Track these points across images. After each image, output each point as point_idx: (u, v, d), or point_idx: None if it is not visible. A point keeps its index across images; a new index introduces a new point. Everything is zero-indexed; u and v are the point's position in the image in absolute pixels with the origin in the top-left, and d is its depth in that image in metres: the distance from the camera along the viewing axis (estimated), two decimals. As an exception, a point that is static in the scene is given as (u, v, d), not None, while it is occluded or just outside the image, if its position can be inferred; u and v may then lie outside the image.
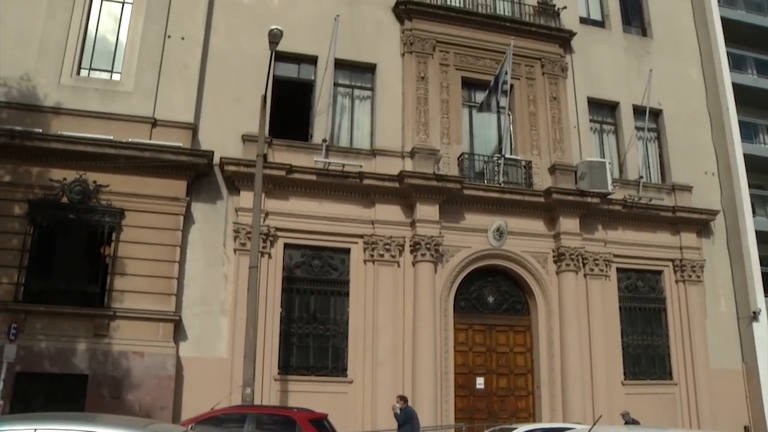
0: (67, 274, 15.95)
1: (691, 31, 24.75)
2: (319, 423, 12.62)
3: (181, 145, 16.94)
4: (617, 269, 20.66)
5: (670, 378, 20.45)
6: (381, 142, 19.20)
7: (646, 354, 20.56)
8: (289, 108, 19.26)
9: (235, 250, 17.22)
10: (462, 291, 19.16)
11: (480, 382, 18.90)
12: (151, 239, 16.29)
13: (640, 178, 21.31)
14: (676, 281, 21.22)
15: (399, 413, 15.09)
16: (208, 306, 16.79)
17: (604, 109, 22.61)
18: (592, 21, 23.52)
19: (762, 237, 22.45)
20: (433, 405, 17.33)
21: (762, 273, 21.88)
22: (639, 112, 22.33)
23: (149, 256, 16.17)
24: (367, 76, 20.08)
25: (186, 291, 16.69)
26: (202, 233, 17.20)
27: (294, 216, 17.80)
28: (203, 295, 16.82)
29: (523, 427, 14.59)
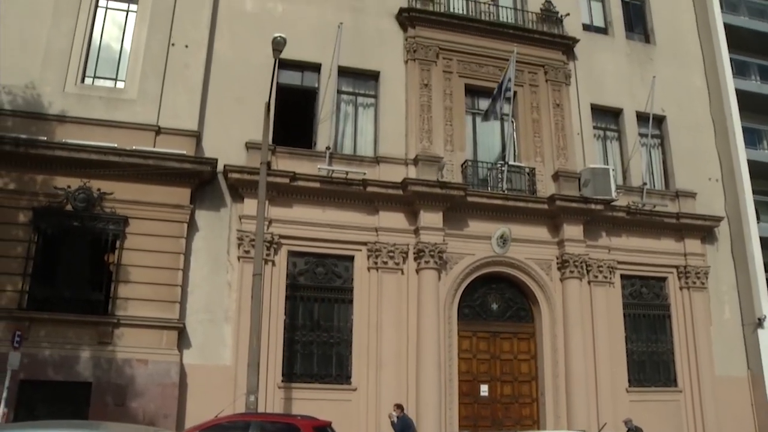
0: (71, 282, 15.96)
1: (694, 38, 24.75)
2: (323, 430, 12.59)
3: (184, 152, 16.99)
4: (621, 276, 20.61)
5: (674, 385, 20.37)
6: (384, 150, 19.21)
7: (651, 361, 20.49)
8: (293, 115, 19.29)
9: (238, 258, 17.23)
10: (466, 298, 19.13)
11: (484, 390, 18.84)
12: (154, 247, 16.31)
13: (644, 184, 21.29)
14: (681, 288, 21.16)
15: (396, 422, 15.06)
16: (211, 313, 16.79)
17: (607, 116, 22.59)
18: (595, 28, 23.53)
19: (766, 243, 22.40)
20: (436, 412, 17.28)
21: (767, 279, 21.79)
22: (642, 118, 22.31)
23: (153, 263, 16.18)
24: (371, 83, 20.11)
25: (190, 298, 16.69)
26: (205, 241, 17.21)
27: (298, 223, 17.81)
28: (207, 302, 16.82)
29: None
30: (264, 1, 19.62)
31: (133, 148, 16.59)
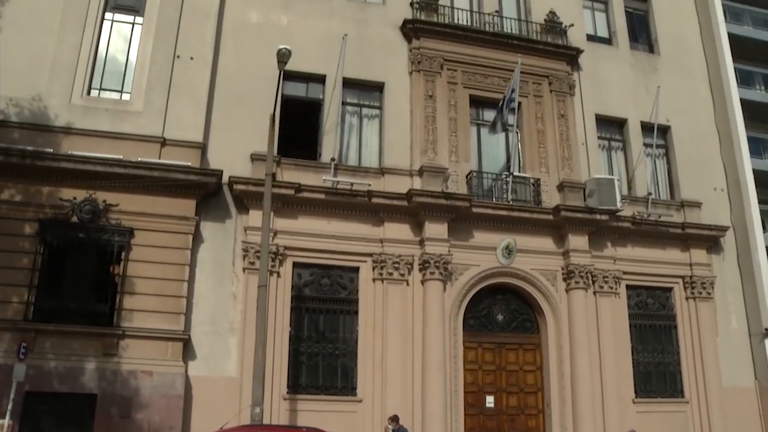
0: (77, 293, 15.97)
1: (698, 48, 24.76)
2: (329, 442, 12.57)
3: (190, 164, 17.02)
4: (627, 286, 20.53)
5: (681, 396, 20.26)
6: (389, 161, 19.22)
7: (657, 372, 20.39)
8: (298, 127, 19.32)
9: (244, 269, 17.22)
10: (471, 309, 19.08)
11: (490, 401, 18.77)
12: (160, 258, 16.32)
13: (649, 194, 21.25)
14: (687, 298, 21.07)
15: None
16: (217, 325, 16.77)
17: (612, 126, 22.58)
18: (599, 38, 23.55)
19: (772, 252, 22.33)
20: (442, 424, 17.20)
21: (773, 289, 21.71)
22: (647, 128, 22.28)
23: (158, 275, 16.19)
24: (375, 94, 20.14)
25: (195, 310, 16.67)
26: (211, 252, 17.22)
27: (303, 235, 17.81)
28: (212, 314, 16.81)
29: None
30: (269, 13, 19.70)
31: (139, 159, 16.65)
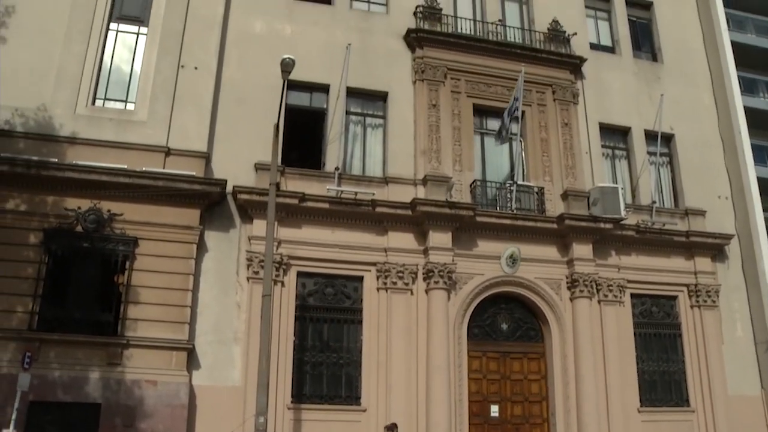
0: (81, 303, 15.97)
1: (701, 56, 24.76)
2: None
3: (194, 173, 17.04)
4: (631, 295, 20.47)
5: (687, 405, 20.17)
6: (393, 170, 19.23)
7: (662, 380, 20.30)
8: (302, 136, 19.36)
9: (248, 279, 17.23)
10: (475, 318, 19.05)
11: (494, 410, 18.70)
12: (164, 268, 16.32)
13: (653, 203, 21.24)
14: (691, 306, 21.00)
15: None
16: (221, 334, 16.76)
17: (615, 135, 22.58)
18: (602, 47, 23.57)
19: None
20: (447, 433, 17.18)
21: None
22: (651, 136, 22.26)
23: (162, 284, 16.19)
24: (379, 104, 20.17)
25: (199, 319, 16.67)
26: (215, 261, 17.22)
27: (307, 244, 17.82)
28: (216, 323, 16.81)
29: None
30: (273, 23, 19.76)
31: (143, 169, 16.68)
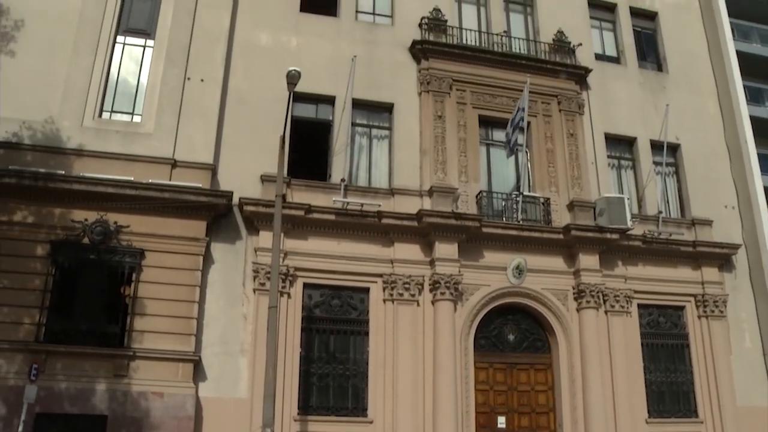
0: (88, 314, 15.99)
1: (706, 65, 24.78)
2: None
3: (200, 185, 17.08)
4: (638, 305, 20.39)
5: (695, 416, 20.05)
6: (399, 181, 19.25)
7: (670, 391, 20.20)
8: (308, 148, 19.42)
9: (254, 290, 17.23)
10: (482, 329, 19.00)
11: (501, 422, 18.63)
12: (170, 279, 16.34)
13: (660, 213, 21.18)
14: (699, 317, 20.91)
15: None
16: (227, 346, 16.75)
17: (621, 145, 22.57)
18: (607, 57, 23.61)
19: (786, 270, 22.15)
20: (454, 445, 17.12)
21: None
22: (656, 146, 22.25)
23: (169, 296, 16.20)
24: (385, 115, 20.22)
25: (205, 331, 16.67)
26: (221, 273, 17.24)
27: (313, 256, 17.82)
28: (223, 335, 16.80)
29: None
30: (278, 35, 19.86)
31: (150, 181, 16.73)
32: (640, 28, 24.63)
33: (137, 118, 17.97)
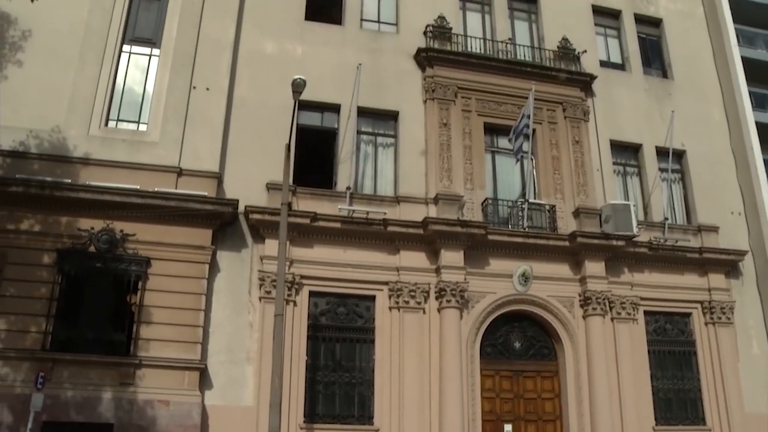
0: (94, 323, 16.03)
1: (711, 72, 24.76)
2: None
3: (206, 194, 17.14)
4: (645, 312, 20.32)
5: (703, 423, 19.94)
6: (404, 189, 19.26)
7: (678, 398, 20.10)
8: (313, 156, 19.44)
9: (260, 298, 17.25)
10: (488, 337, 18.96)
11: (508, 429, 18.56)
12: (176, 288, 16.37)
13: (666, 219, 21.14)
14: (706, 323, 20.81)
15: None
16: (233, 354, 16.75)
17: (627, 152, 22.55)
18: (612, 64, 23.63)
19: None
20: (460, 453, 17.06)
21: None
22: (662, 153, 22.24)
23: (175, 304, 16.23)
24: (390, 123, 20.25)
25: (211, 339, 16.68)
26: (227, 281, 17.26)
27: (319, 264, 17.84)
28: (229, 343, 16.80)
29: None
30: (283, 44, 19.94)
31: (156, 189, 16.79)
32: (645, 35, 24.64)
33: (143, 127, 18.05)
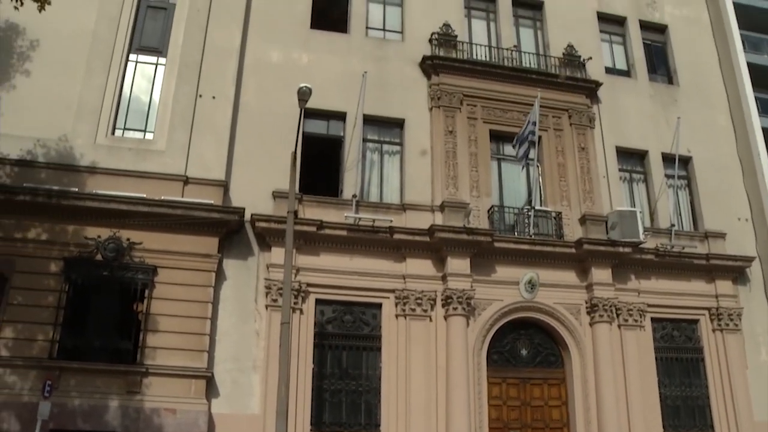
0: (101, 331, 16.03)
1: (717, 78, 24.73)
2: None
3: (212, 202, 17.17)
4: (652, 319, 20.24)
5: (711, 431, 19.82)
6: (410, 197, 19.26)
7: (686, 406, 20.00)
8: (319, 164, 19.48)
9: (266, 306, 17.24)
10: (495, 344, 18.91)
11: (515, 437, 18.57)
12: (183, 296, 16.38)
13: (672, 226, 21.07)
14: (713, 330, 20.72)
15: None
16: (240, 362, 16.75)
17: (633, 158, 22.51)
18: (617, 71, 23.62)
19: (801, 283, 21.98)
20: (467, 461, 17.01)
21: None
22: (668, 159, 22.18)
23: (181, 312, 16.24)
24: (396, 131, 20.26)
25: (218, 347, 16.68)
26: (233, 289, 17.27)
27: (325, 271, 17.83)
28: (235, 351, 16.80)
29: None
30: (289, 52, 20.00)
31: (162, 198, 16.83)
32: (650, 41, 24.63)
33: (149, 136, 18.12)
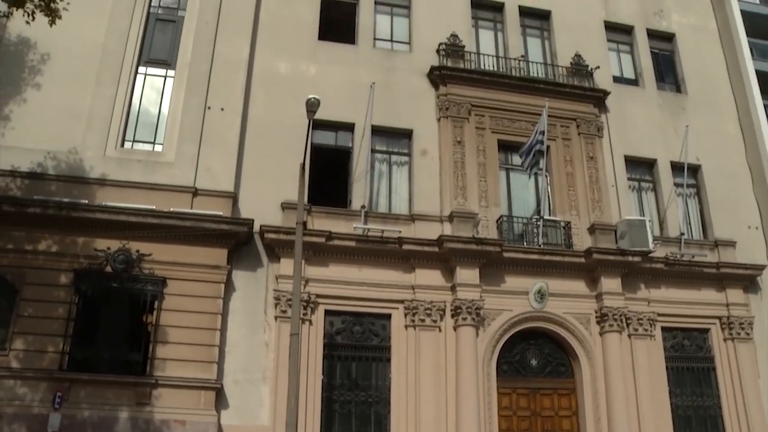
0: (111, 343, 16.09)
1: (726, 86, 24.68)
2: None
3: (221, 213, 17.21)
4: (662, 328, 20.14)
5: (724, 442, 19.75)
6: (419, 207, 19.26)
7: (697, 416, 19.86)
8: (328, 175, 19.49)
9: (276, 318, 17.24)
10: (504, 354, 18.85)
11: (525, 448, 18.47)
12: (192, 307, 16.41)
13: (682, 234, 20.99)
14: (725, 339, 20.58)
15: None
16: (249, 374, 16.74)
17: (641, 167, 22.46)
18: (625, 80, 23.60)
19: (812, 291, 21.82)
20: (478, 473, 16.93)
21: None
22: (677, 168, 22.12)
23: (191, 324, 16.26)
24: (404, 141, 20.29)
25: (227, 359, 16.68)
26: (243, 301, 17.28)
27: (334, 282, 17.83)
28: (245, 362, 16.80)
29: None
30: (297, 64, 20.07)
31: (171, 209, 16.89)
32: (658, 50, 24.62)
33: (159, 148, 18.20)
